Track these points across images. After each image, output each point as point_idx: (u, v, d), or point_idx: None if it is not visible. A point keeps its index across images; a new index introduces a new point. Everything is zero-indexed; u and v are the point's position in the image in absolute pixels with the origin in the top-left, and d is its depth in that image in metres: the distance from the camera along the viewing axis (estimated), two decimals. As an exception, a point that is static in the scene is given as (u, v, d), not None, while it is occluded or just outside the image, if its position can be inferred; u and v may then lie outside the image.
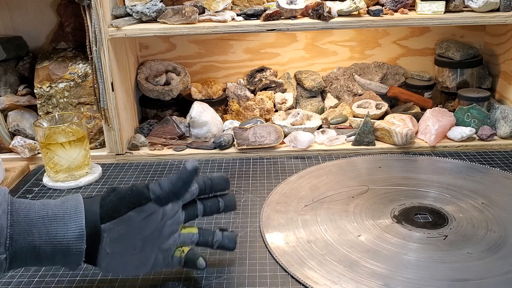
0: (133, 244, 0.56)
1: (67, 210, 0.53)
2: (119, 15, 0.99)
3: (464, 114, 1.05)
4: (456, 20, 0.96)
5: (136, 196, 0.56)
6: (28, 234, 0.51)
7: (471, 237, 0.70)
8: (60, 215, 0.53)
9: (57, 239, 0.52)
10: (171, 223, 0.59)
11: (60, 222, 0.52)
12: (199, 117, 1.04)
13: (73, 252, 0.53)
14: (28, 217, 0.52)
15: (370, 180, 0.88)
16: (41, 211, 0.53)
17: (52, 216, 0.52)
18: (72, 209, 0.54)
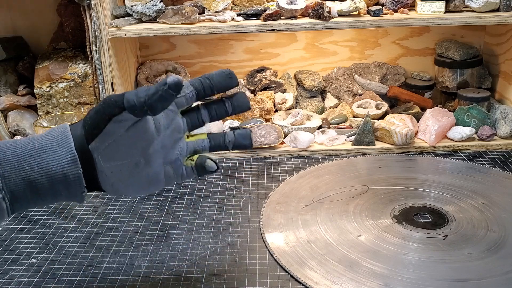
0: (133, 161, 0.52)
1: (54, 139, 0.50)
2: (119, 15, 0.99)
3: (464, 114, 1.05)
4: (456, 20, 0.97)
5: (110, 106, 0.50)
6: (20, 170, 0.49)
7: (471, 237, 0.70)
8: (47, 144, 0.50)
9: (50, 168, 0.49)
10: (171, 131, 0.54)
11: (49, 151, 0.50)
12: (199, 117, 1.04)
13: (70, 179, 0.50)
14: (15, 153, 0.49)
15: (370, 180, 0.88)
16: (27, 145, 0.50)
17: (39, 147, 0.50)
18: (59, 136, 0.51)
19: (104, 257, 0.69)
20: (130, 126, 0.51)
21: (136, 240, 0.73)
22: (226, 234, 0.74)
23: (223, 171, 0.95)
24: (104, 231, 0.76)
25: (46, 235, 0.75)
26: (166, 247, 0.71)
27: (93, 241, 0.73)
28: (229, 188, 0.88)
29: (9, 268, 0.68)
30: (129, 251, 0.70)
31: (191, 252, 0.70)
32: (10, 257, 0.70)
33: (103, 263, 0.68)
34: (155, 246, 0.72)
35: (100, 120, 0.50)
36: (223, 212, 0.80)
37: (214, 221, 0.78)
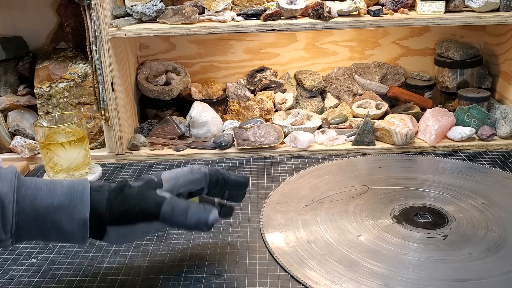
0: (142, 234, 0.58)
1: (73, 200, 0.53)
2: (119, 15, 0.99)
3: (464, 114, 1.05)
4: (456, 20, 0.97)
5: (146, 215, 0.55)
6: (33, 221, 0.52)
7: (471, 237, 0.70)
8: (65, 204, 0.53)
9: (62, 227, 0.53)
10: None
11: (65, 212, 0.53)
12: (199, 117, 1.04)
13: (76, 238, 0.54)
14: (33, 206, 0.52)
15: (370, 180, 0.88)
16: (47, 199, 0.52)
17: (57, 206, 0.52)
18: (78, 199, 0.53)
19: (104, 257, 0.69)
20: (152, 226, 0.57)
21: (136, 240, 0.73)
22: (226, 234, 0.74)
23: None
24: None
25: (46, 235, 0.75)
26: (166, 247, 0.71)
27: (93, 241, 0.73)
28: (229, 188, 0.88)
29: (9, 268, 0.68)
30: (129, 251, 0.70)
31: (191, 252, 0.70)
32: (10, 257, 0.70)
33: (103, 263, 0.68)
34: (155, 246, 0.72)
35: (130, 217, 0.55)
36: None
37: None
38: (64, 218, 0.53)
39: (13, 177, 0.52)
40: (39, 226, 0.52)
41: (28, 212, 0.52)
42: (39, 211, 0.52)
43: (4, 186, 0.51)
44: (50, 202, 0.52)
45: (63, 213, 0.53)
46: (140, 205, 0.55)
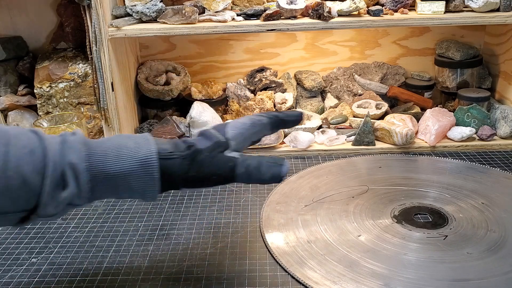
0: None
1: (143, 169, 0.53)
2: (119, 15, 0.99)
3: (464, 114, 1.05)
4: (456, 20, 0.96)
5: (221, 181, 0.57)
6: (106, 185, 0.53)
7: (471, 237, 0.70)
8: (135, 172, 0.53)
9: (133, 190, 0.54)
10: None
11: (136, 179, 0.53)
12: (199, 117, 1.04)
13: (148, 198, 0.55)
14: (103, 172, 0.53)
15: (370, 180, 0.88)
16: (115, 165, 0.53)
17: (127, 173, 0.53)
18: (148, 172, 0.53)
19: (104, 257, 0.69)
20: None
21: (136, 240, 0.73)
22: (226, 234, 0.74)
23: (223, 171, 0.95)
24: (104, 231, 0.76)
25: (46, 235, 0.75)
26: (166, 247, 0.71)
27: (93, 241, 0.73)
28: (229, 188, 0.88)
29: (9, 268, 0.68)
30: (129, 251, 0.70)
31: (191, 252, 0.70)
32: (10, 257, 0.70)
33: (103, 263, 0.68)
34: (155, 246, 0.72)
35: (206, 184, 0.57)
36: (223, 212, 0.80)
37: (214, 221, 0.78)
38: (135, 183, 0.53)
39: (81, 145, 0.53)
40: (111, 188, 0.53)
41: (100, 178, 0.52)
42: (110, 176, 0.53)
43: (74, 156, 0.51)
44: (119, 169, 0.53)
45: (134, 179, 0.53)
46: (216, 173, 0.56)
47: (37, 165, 0.50)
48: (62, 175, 0.51)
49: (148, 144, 0.55)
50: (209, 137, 0.58)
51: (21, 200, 0.50)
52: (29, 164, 0.49)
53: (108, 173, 0.52)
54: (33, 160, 0.50)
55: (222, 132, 0.59)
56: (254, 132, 0.61)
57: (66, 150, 0.52)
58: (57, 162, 0.51)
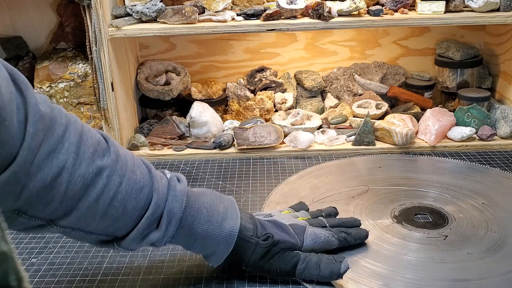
0: None
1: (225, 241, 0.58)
2: (119, 15, 0.99)
3: (464, 114, 1.05)
4: (456, 20, 0.96)
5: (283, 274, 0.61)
6: (186, 238, 0.58)
7: (471, 237, 0.70)
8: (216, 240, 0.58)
9: (207, 251, 0.60)
10: None
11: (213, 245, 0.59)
12: (199, 117, 1.04)
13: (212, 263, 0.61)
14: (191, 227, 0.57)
15: (370, 180, 0.88)
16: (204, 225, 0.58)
17: (210, 236, 0.58)
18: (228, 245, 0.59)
19: (104, 257, 0.69)
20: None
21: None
22: (226, 234, 0.74)
23: (223, 171, 0.95)
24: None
25: (46, 235, 0.75)
26: (166, 247, 0.71)
27: (93, 241, 0.73)
28: (229, 188, 0.88)
29: (9, 268, 0.67)
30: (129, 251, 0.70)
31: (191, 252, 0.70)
32: (10, 257, 0.70)
33: (103, 263, 0.68)
34: (155, 246, 0.72)
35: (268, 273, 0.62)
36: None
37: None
38: (211, 246, 0.58)
39: (184, 197, 0.56)
40: (189, 241, 0.58)
41: (185, 230, 0.57)
42: (194, 232, 0.57)
43: (176, 206, 0.55)
44: (205, 231, 0.57)
45: (211, 242, 0.58)
46: (281, 267, 0.60)
47: (140, 203, 0.53)
48: (159, 218, 0.55)
49: (236, 215, 0.59)
50: (289, 233, 0.62)
51: (113, 228, 0.53)
52: (135, 200, 0.53)
53: (195, 230, 0.57)
54: (140, 197, 0.53)
55: (301, 237, 0.62)
56: (321, 249, 0.63)
57: (171, 198, 0.55)
58: (159, 206, 0.54)
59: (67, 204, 0.49)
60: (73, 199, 0.49)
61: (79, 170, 0.49)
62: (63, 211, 0.49)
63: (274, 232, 0.60)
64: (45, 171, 0.46)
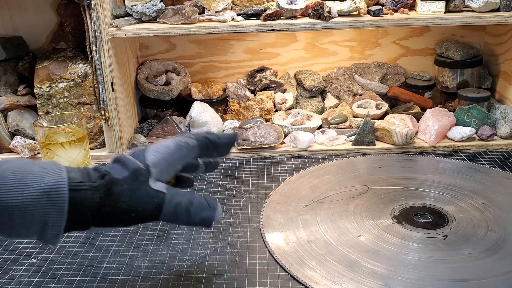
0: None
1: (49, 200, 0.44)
2: (119, 15, 0.99)
3: (464, 114, 1.05)
4: (456, 20, 0.96)
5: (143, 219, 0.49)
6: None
7: (471, 237, 0.70)
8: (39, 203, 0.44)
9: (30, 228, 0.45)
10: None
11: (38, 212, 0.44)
12: (199, 117, 1.04)
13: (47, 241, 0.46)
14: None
15: (370, 180, 0.88)
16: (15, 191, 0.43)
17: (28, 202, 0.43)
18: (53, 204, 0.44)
19: (104, 257, 0.69)
20: None
21: (136, 240, 0.73)
22: (226, 234, 0.74)
23: (223, 171, 0.95)
24: (104, 231, 0.76)
25: (46, 235, 0.75)
26: (166, 247, 0.71)
27: (93, 241, 0.73)
28: (229, 188, 0.88)
29: (9, 268, 0.68)
30: (129, 251, 0.70)
31: (191, 252, 0.70)
32: (10, 257, 0.70)
33: (103, 263, 0.68)
34: (155, 246, 0.72)
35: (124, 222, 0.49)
36: (223, 212, 0.80)
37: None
38: (38, 216, 0.44)
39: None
40: (4, 221, 0.44)
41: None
42: (4, 206, 0.43)
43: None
44: (19, 198, 0.43)
45: (36, 211, 0.44)
46: (137, 209, 0.48)
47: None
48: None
49: (58, 169, 0.45)
50: (126, 164, 0.49)
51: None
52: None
53: (4, 201, 0.43)
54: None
55: (141, 158, 0.50)
56: (180, 157, 0.53)
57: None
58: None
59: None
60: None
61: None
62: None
63: (113, 170, 0.49)
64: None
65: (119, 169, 0.49)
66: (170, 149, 0.52)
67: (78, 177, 0.46)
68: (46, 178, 0.44)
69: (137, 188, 0.48)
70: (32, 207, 0.43)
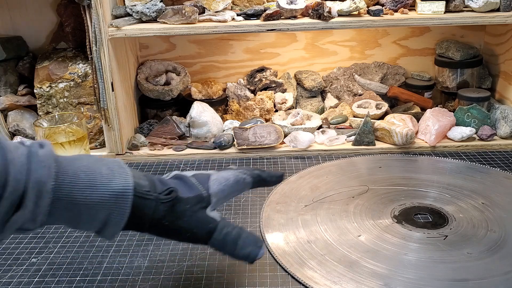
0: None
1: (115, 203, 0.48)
2: (119, 15, 0.99)
3: (464, 114, 1.05)
4: (456, 20, 0.96)
5: (194, 240, 0.53)
6: (67, 211, 0.47)
7: (471, 237, 0.70)
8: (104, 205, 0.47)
9: (94, 223, 0.48)
10: None
11: (102, 211, 0.48)
12: (199, 117, 1.04)
13: (106, 236, 0.50)
14: (70, 196, 0.46)
15: (370, 180, 0.88)
16: (85, 191, 0.47)
17: (96, 202, 0.47)
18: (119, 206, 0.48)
19: (104, 257, 0.69)
20: None
21: (136, 240, 0.73)
22: (226, 234, 0.74)
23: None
24: (104, 231, 0.76)
25: (46, 235, 0.75)
26: (166, 247, 0.71)
27: (93, 241, 0.73)
28: (229, 188, 0.88)
29: (9, 268, 0.68)
30: (129, 251, 0.70)
31: (191, 252, 0.70)
32: (10, 257, 0.70)
33: (103, 263, 0.68)
34: (155, 246, 0.72)
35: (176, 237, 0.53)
36: (223, 212, 0.80)
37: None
38: (102, 215, 0.47)
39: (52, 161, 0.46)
40: (72, 216, 0.47)
41: (64, 202, 0.46)
42: (76, 202, 0.46)
43: (43, 172, 0.44)
44: (89, 197, 0.46)
45: (101, 210, 0.47)
46: (192, 231, 0.52)
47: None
48: (22, 195, 0.43)
49: (125, 173, 0.49)
50: (190, 186, 0.53)
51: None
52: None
53: (76, 199, 0.46)
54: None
55: (205, 185, 0.54)
56: (235, 191, 0.57)
57: (34, 165, 0.44)
58: (19, 181, 0.43)
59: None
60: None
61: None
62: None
63: (178, 187, 0.52)
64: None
65: (184, 189, 0.53)
66: (229, 182, 0.56)
67: (146, 186, 0.50)
68: (114, 181, 0.48)
69: (196, 211, 0.52)
70: (98, 207, 0.47)
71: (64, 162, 0.47)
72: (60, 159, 0.47)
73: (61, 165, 0.46)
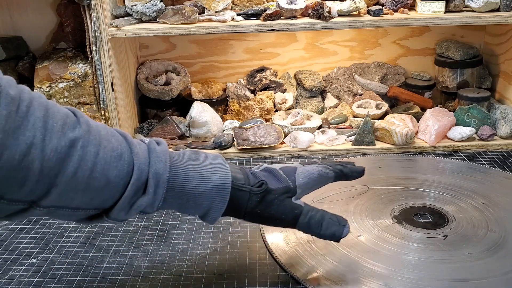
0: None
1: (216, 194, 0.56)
2: (119, 15, 0.99)
3: (464, 114, 1.05)
4: (456, 20, 0.97)
5: (283, 224, 0.60)
6: (178, 199, 0.55)
7: (471, 237, 0.70)
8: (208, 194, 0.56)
9: (200, 209, 0.56)
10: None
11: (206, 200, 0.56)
12: (199, 117, 1.04)
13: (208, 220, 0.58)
14: (181, 186, 0.55)
15: (370, 180, 0.88)
16: (193, 182, 0.55)
17: (202, 192, 0.55)
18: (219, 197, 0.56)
19: (104, 257, 0.69)
20: None
21: (136, 240, 0.73)
22: (226, 234, 0.74)
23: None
24: (104, 231, 0.76)
25: (46, 235, 0.75)
26: (166, 247, 0.71)
27: (93, 241, 0.73)
28: (229, 188, 0.88)
29: (9, 268, 0.68)
30: (129, 251, 0.70)
31: (191, 252, 0.70)
32: (10, 257, 0.70)
33: (103, 263, 0.68)
34: (155, 246, 0.72)
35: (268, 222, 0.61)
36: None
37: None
38: (206, 202, 0.56)
39: (167, 157, 0.54)
40: (182, 203, 0.56)
41: (176, 191, 0.54)
42: (185, 192, 0.55)
43: (160, 166, 0.53)
44: (196, 187, 0.55)
45: (205, 199, 0.56)
46: (281, 217, 0.59)
47: (123, 171, 0.51)
48: (145, 183, 0.52)
49: (225, 167, 0.57)
50: (279, 178, 0.60)
51: (98, 200, 0.51)
52: (116, 168, 0.50)
53: (185, 188, 0.55)
54: (120, 165, 0.51)
55: (292, 178, 0.61)
56: (318, 183, 0.63)
57: (154, 160, 0.53)
58: (143, 171, 0.52)
59: (44, 182, 0.46)
60: (50, 176, 0.46)
61: (50, 144, 0.45)
62: (41, 190, 0.46)
63: (268, 179, 0.60)
64: (12, 149, 0.43)
65: (273, 181, 0.60)
66: (313, 176, 0.62)
67: (241, 179, 0.58)
68: (216, 174, 0.56)
69: (283, 200, 0.59)
70: (204, 195, 0.55)
71: (175, 158, 0.56)
72: (172, 155, 0.56)
73: (173, 160, 0.55)
